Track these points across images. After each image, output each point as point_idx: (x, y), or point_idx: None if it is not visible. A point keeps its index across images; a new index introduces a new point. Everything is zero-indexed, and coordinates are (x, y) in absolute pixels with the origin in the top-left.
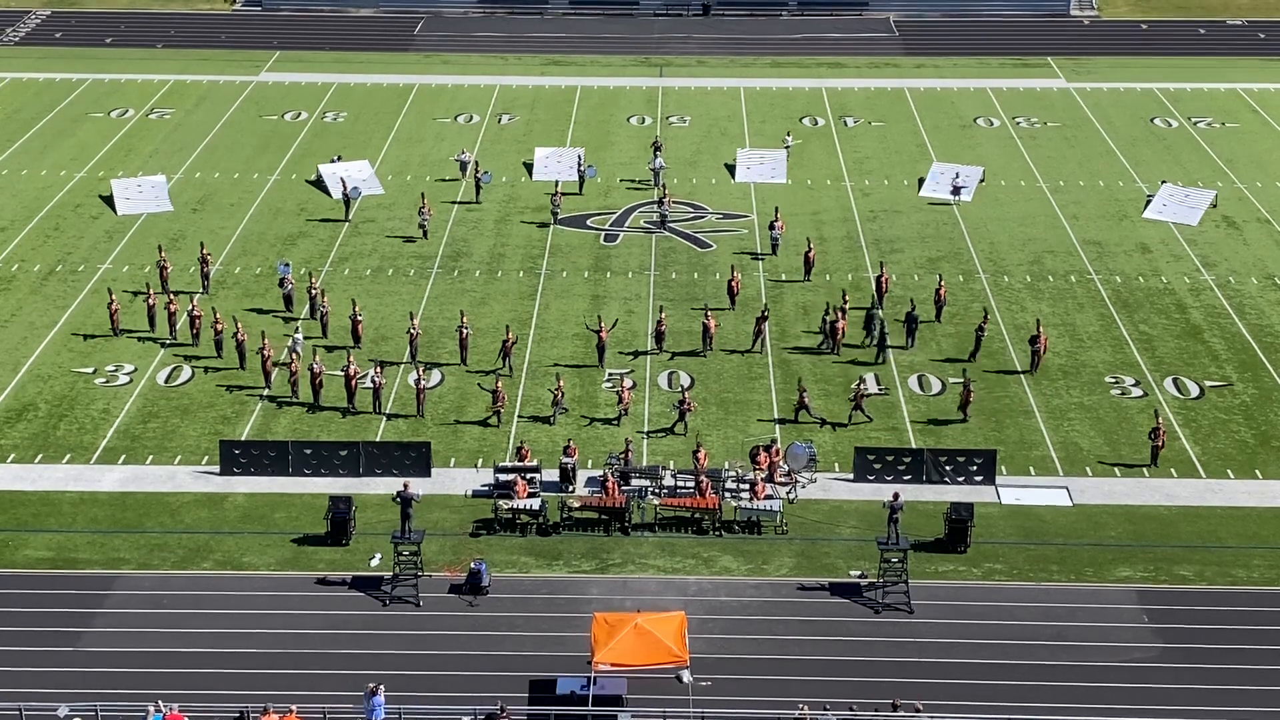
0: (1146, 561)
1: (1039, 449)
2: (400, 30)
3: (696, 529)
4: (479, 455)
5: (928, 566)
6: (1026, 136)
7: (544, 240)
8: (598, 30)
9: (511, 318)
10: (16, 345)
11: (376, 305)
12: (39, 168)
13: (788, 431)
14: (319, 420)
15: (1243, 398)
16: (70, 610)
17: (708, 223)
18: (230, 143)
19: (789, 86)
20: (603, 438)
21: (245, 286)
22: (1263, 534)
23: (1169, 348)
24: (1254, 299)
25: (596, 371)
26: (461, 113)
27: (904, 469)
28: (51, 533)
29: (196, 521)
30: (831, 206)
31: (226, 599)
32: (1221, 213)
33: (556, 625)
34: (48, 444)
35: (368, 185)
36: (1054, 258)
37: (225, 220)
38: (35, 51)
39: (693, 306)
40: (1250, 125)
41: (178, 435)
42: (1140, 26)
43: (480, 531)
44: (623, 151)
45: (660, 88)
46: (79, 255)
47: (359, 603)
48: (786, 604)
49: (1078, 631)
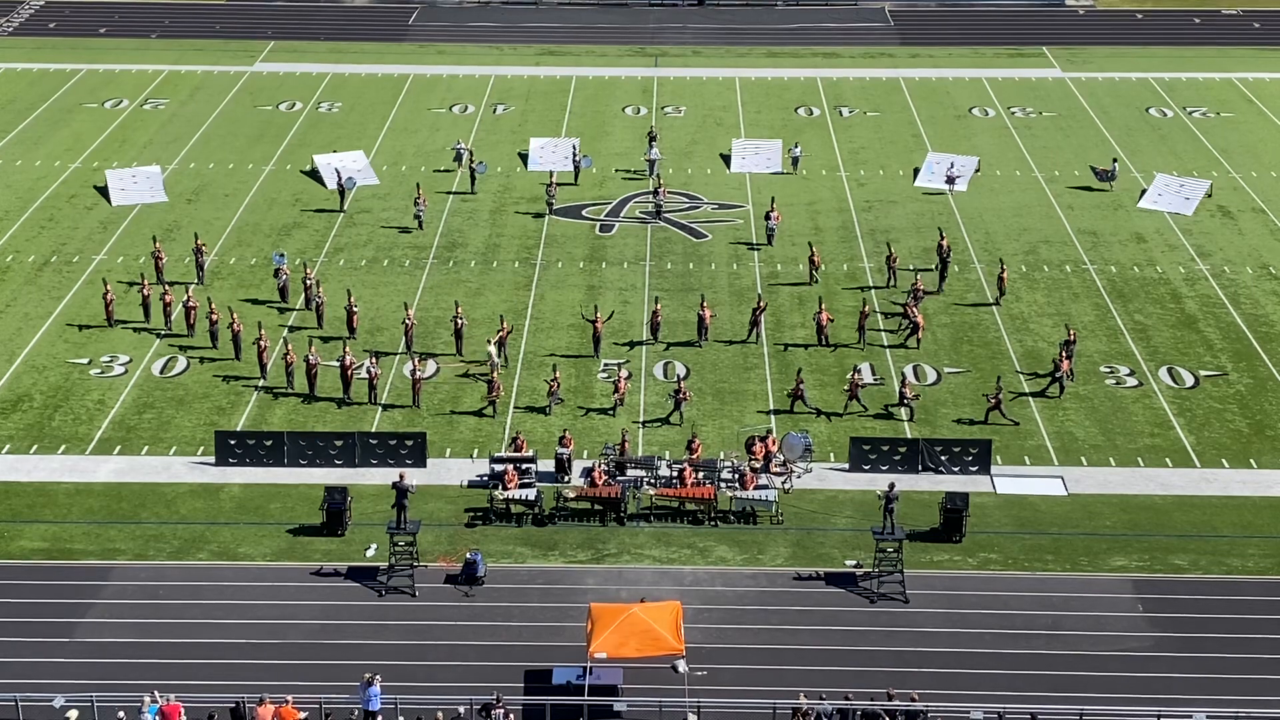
0: (1141, 551)
1: (1034, 439)
2: (395, 20)
3: (692, 519)
4: (474, 446)
5: (923, 556)
6: (1022, 126)
7: (539, 231)
8: (593, 20)
9: (507, 308)
10: (11, 336)
11: (372, 296)
12: (33, 158)
13: (783, 421)
14: (314, 411)
15: (1237, 387)
16: (66, 601)
17: (703, 213)
18: (225, 133)
19: (784, 77)
20: (598, 428)
21: (240, 277)
22: (1257, 523)
23: (1164, 337)
24: (1249, 289)
25: (592, 362)
26: (456, 103)
27: (899, 459)
28: (47, 523)
29: (192, 512)
30: (827, 197)
31: (222, 589)
32: (1216, 202)
33: (552, 615)
34: (43, 435)
35: (363, 176)
36: (1049, 248)
37: (220, 211)
38: (29, 42)
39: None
40: (1245, 115)
41: (173, 426)
42: (1135, 16)
43: (476, 522)
44: (618, 142)
45: (655, 78)
46: (74, 246)
47: (355, 593)
48: (782, 594)
49: (1073, 621)
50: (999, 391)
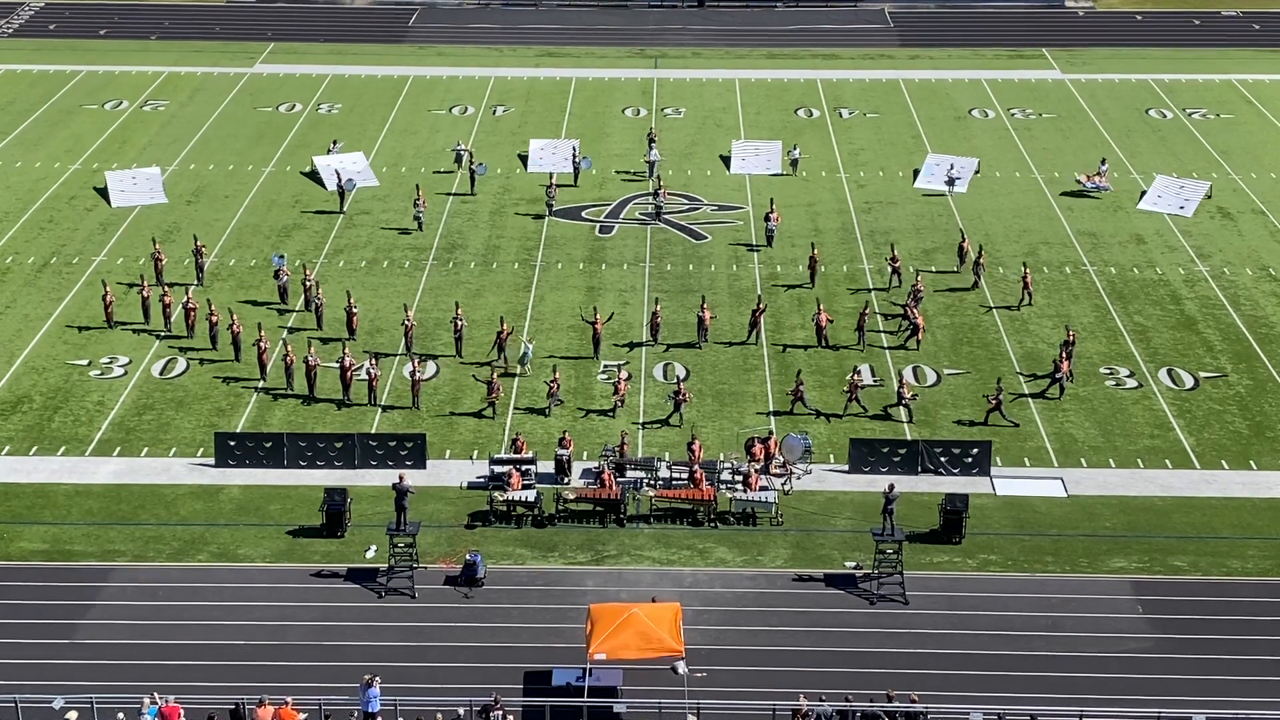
0: (1141, 552)
1: (1034, 440)
2: (395, 22)
3: (692, 520)
4: (474, 447)
5: (923, 558)
6: (1021, 128)
7: (539, 232)
8: (592, 22)
9: (507, 309)
10: (11, 337)
11: (371, 297)
12: (33, 160)
13: (783, 423)
14: (314, 412)
15: (1237, 389)
16: (65, 602)
17: (703, 214)
18: (225, 135)
19: (784, 78)
20: (598, 429)
21: (240, 279)
22: (1257, 525)
23: (1164, 339)
24: (1248, 290)
25: (592, 363)
26: (456, 105)
27: (899, 460)
28: (46, 525)
29: (192, 514)
30: (826, 198)
31: (222, 591)
32: (1216, 204)
33: (552, 617)
34: (43, 436)
35: (362, 177)
36: (1049, 249)
37: (220, 212)
38: (29, 43)
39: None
40: (1245, 116)
41: (173, 427)
42: (1135, 18)
43: (475, 523)
44: (618, 143)
45: (655, 79)
46: (73, 247)
47: (354, 594)
48: (782, 595)
49: (1072, 622)
50: (999, 393)
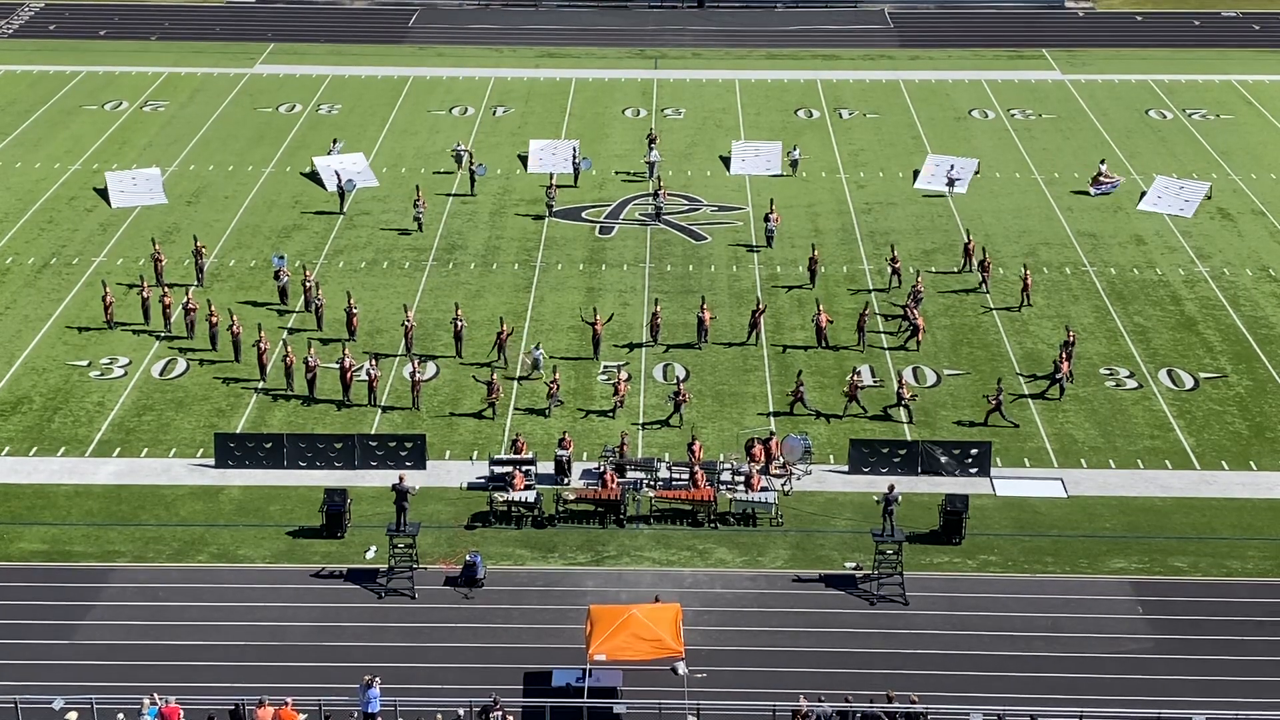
0: (1141, 553)
1: (1034, 440)
2: (395, 22)
3: (692, 521)
4: (474, 448)
5: (923, 558)
6: (1021, 128)
7: (539, 233)
8: (592, 22)
9: (506, 310)
10: (11, 338)
11: (371, 298)
12: (33, 160)
13: (783, 424)
14: (314, 413)
15: (1237, 389)
16: (65, 603)
17: (703, 215)
18: (225, 135)
19: (784, 79)
20: (598, 430)
21: (240, 279)
22: (1257, 525)
23: (1164, 339)
24: (1248, 291)
25: (592, 364)
26: (456, 105)
27: (899, 461)
28: (46, 525)
29: (191, 514)
30: (826, 199)
31: (221, 591)
32: (1216, 205)
33: (551, 618)
34: (42, 437)
35: (362, 178)
36: (1049, 249)
37: (220, 213)
38: (29, 44)
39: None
40: (1245, 117)
41: (173, 428)
42: (1135, 18)
43: (475, 524)
44: (618, 144)
45: (655, 80)
46: (73, 248)
47: (354, 595)
48: (782, 596)
49: (1072, 623)
50: (999, 393)
